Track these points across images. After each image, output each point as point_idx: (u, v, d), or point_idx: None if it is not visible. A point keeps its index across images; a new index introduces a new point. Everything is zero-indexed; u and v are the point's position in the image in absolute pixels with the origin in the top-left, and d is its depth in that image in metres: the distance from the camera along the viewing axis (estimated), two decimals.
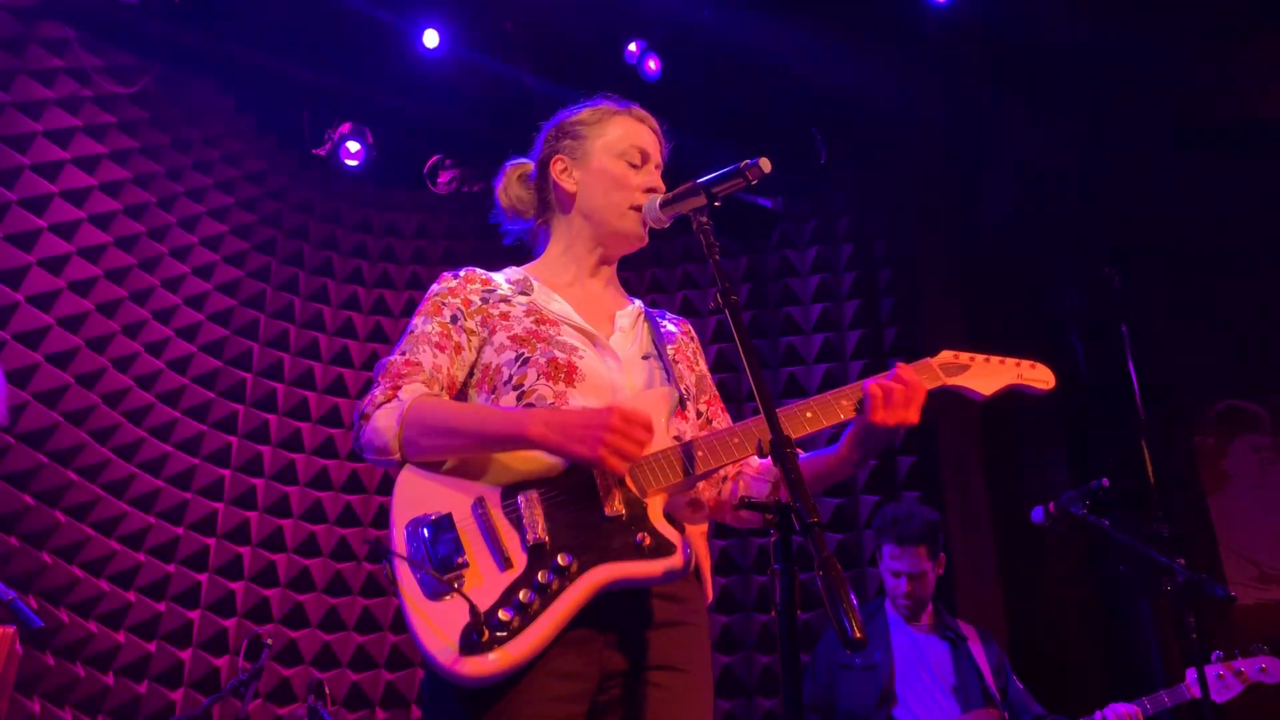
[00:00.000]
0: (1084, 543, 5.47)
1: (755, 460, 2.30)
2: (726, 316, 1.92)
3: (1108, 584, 5.48)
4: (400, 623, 5.62)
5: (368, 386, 6.28)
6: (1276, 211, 5.59)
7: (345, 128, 5.80)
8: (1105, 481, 3.89)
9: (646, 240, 2.39)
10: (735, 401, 5.84)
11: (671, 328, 2.45)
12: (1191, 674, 3.78)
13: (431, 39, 5.42)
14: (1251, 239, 5.70)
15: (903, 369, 2.11)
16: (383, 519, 5.79)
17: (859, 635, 1.48)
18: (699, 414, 2.40)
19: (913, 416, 2.05)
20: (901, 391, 2.05)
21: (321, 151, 5.84)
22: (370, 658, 5.55)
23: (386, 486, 5.82)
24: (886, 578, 4.30)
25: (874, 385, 2.05)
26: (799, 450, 2.28)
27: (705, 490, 2.35)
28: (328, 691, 4.55)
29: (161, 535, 5.20)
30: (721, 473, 2.33)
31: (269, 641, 4.54)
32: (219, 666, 5.22)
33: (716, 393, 2.48)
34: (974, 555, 5.43)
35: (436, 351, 2.18)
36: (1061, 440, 5.69)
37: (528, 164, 2.53)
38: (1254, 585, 5.40)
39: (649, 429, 1.95)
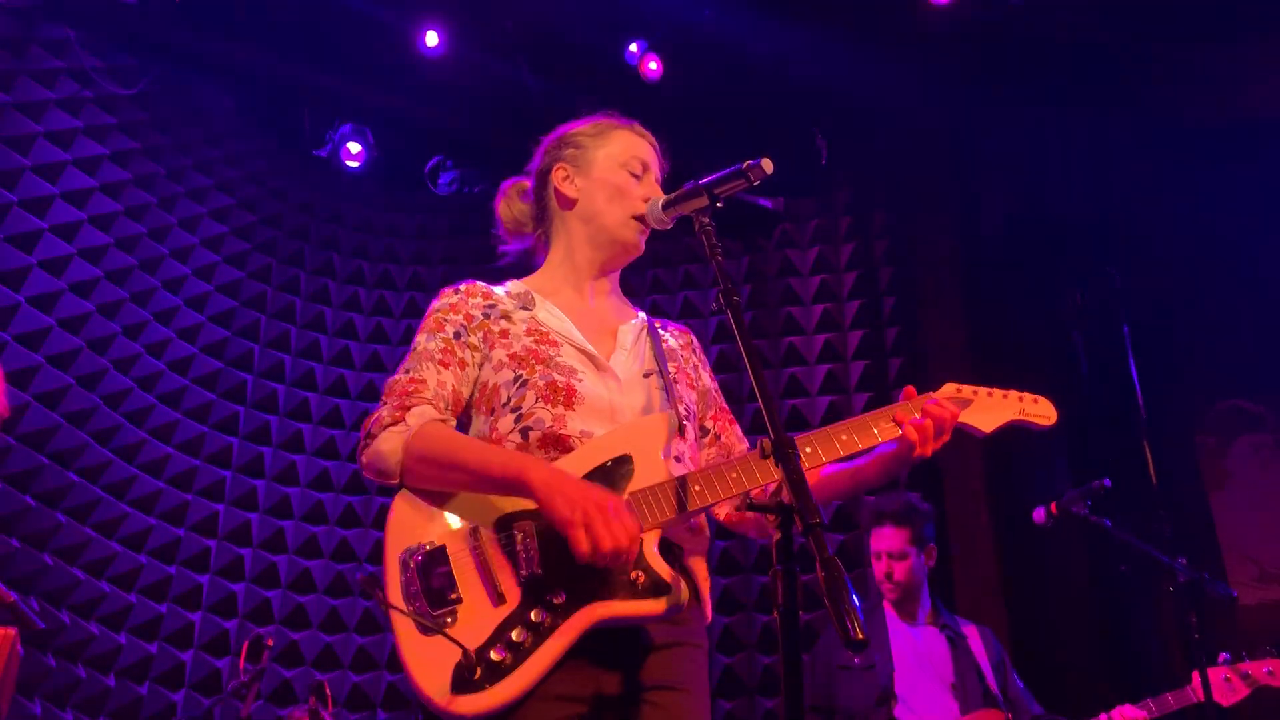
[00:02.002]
0: (1085, 542, 5.46)
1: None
2: (728, 317, 1.91)
3: (1109, 584, 5.47)
4: None
5: (370, 387, 6.23)
6: (1277, 208, 5.59)
7: (346, 128, 5.81)
8: (1107, 481, 3.89)
9: (643, 250, 2.39)
10: (736, 402, 5.82)
11: (673, 342, 2.43)
12: (1198, 675, 3.77)
13: (432, 39, 5.42)
14: (1253, 237, 5.69)
15: (929, 404, 2.18)
16: (383, 520, 5.79)
17: (860, 636, 1.48)
18: (706, 430, 2.39)
19: (944, 440, 2.17)
20: (931, 426, 2.14)
21: (322, 152, 5.84)
22: (371, 659, 5.55)
23: (387, 488, 5.81)
24: (871, 564, 4.28)
25: (909, 429, 2.13)
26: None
27: (724, 505, 2.34)
28: (329, 693, 4.54)
29: (163, 537, 5.20)
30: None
31: (270, 643, 4.54)
32: (220, 668, 5.22)
33: (724, 405, 2.48)
34: (974, 555, 5.43)
35: (440, 368, 2.17)
36: (1062, 440, 5.68)
37: (525, 181, 2.53)
38: (1255, 585, 5.39)
39: (634, 542, 1.88)
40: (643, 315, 2.44)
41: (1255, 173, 5.62)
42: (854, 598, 1.51)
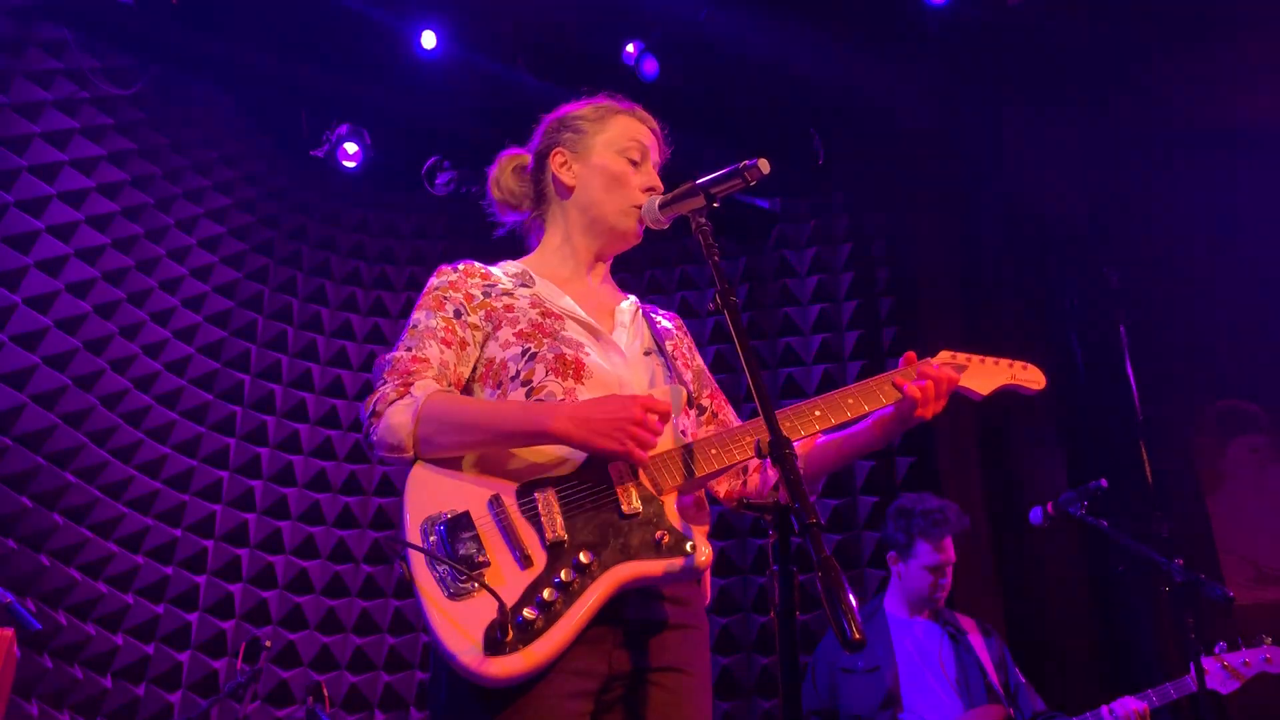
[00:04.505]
0: (1082, 543, 5.46)
1: None
2: (725, 317, 1.92)
3: (1106, 585, 5.48)
4: (399, 625, 5.62)
5: (367, 388, 6.22)
6: (1274, 211, 5.60)
7: (343, 129, 5.80)
8: (1104, 482, 3.89)
9: (641, 238, 2.39)
10: (734, 402, 5.81)
11: (666, 324, 2.46)
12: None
13: (429, 40, 5.42)
14: (1249, 238, 5.70)
15: (926, 366, 2.23)
16: (381, 521, 5.80)
17: (858, 637, 1.48)
18: (702, 409, 2.42)
19: (942, 404, 2.22)
20: (932, 387, 2.19)
21: (319, 153, 5.83)
22: (369, 660, 5.55)
23: (385, 489, 5.82)
24: (923, 575, 4.18)
25: (912, 388, 2.17)
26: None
27: (725, 481, 2.38)
28: (326, 694, 4.54)
29: (160, 537, 5.20)
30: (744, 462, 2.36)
31: (267, 644, 4.54)
32: (217, 669, 5.21)
33: (717, 385, 2.51)
34: (972, 556, 5.42)
35: (443, 347, 2.17)
36: (1059, 441, 5.69)
37: (524, 156, 2.53)
38: (1251, 585, 5.39)
39: (667, 416, 2.00)
40: (634, 299, 2.46)
41: (1252, 174, 5.63)
42: (851, 598, 1.51)
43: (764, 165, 2.02)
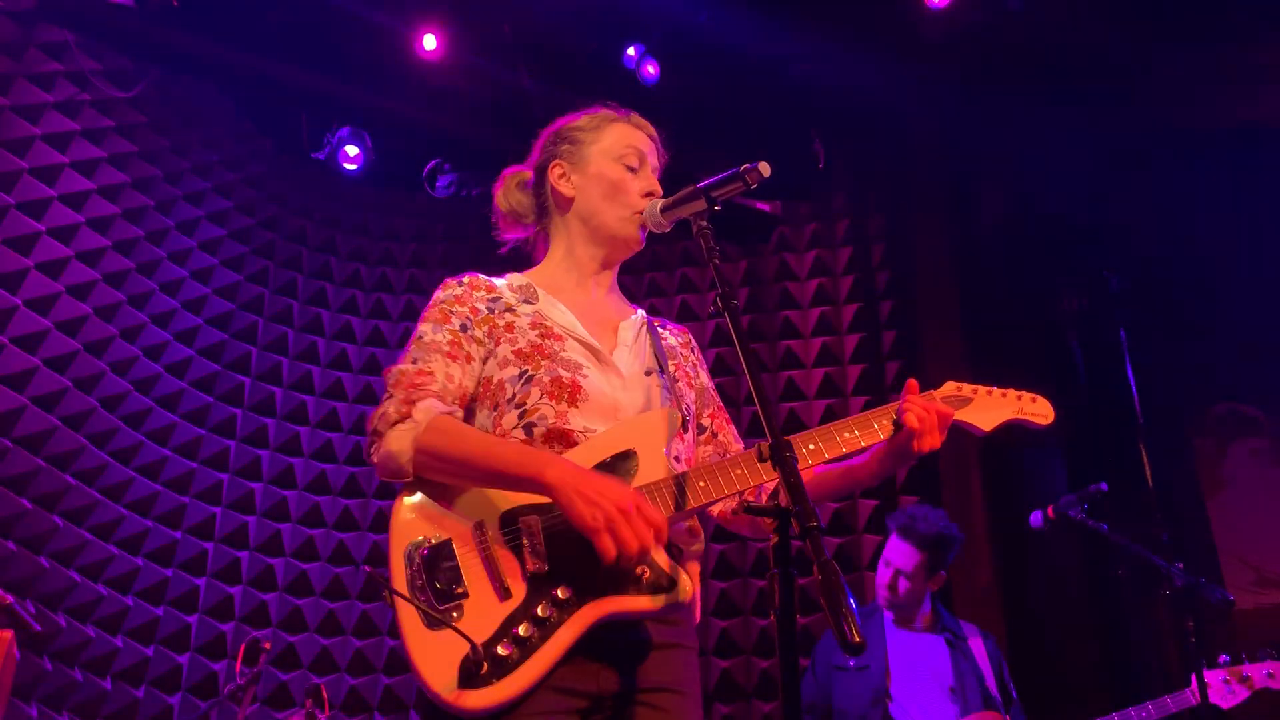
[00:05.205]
0: (1082, 547, 5.46)
1: None
2: (725, 320, 1.92)
3: (1106, 588, 5.48)
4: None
5: (368, 390, 6.19)
6: (1274, 213, 5.60)
7: (344, 131, 5.81)
8: (1104, 485, 3.89)
9: (643, 245, 2.39)
10: (734, 405, 5.83)
11: (672, 340, 2.44)
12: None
13: (430, 42, 5.42)
14: (1249, 241, 5.70)
15: (928, 401, 2.19)
16: (381, 525, 5.79)
17: (857, 639, 1.48)
18: (703, 428, 2.40)
19: (941, 439, 2.16)
20: (933, 420, 2.15)
21: (320, 155, 5.84)
22: (368, 662, 5.54)
23: (385, 492, 5.81)
24: (879, 566, 4.28)
25: (909, 418, 2.13)
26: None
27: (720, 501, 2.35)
28: (325, 696, 4.54)
29: (160, 540, 5.20)
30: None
31: (267, 646, 4.53)
32: (217, 671, 5.21)
33: (721, 404, 2.48)
34: (972, 560, 5.42)
35: (449, 361, 2.15)
36: (1060, 444, 5.69)
37: (525, 172, 2.52)
38: (1252, 589, 5.39)
39: (660, 536, 1.90)
40: (641, 312, 2.44)
41: (1251, 176, 5.63)
42: (851, 601, 1.51)
43: (765, 168, 2.01)
